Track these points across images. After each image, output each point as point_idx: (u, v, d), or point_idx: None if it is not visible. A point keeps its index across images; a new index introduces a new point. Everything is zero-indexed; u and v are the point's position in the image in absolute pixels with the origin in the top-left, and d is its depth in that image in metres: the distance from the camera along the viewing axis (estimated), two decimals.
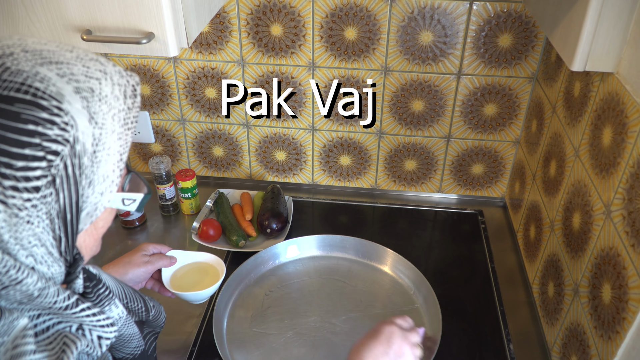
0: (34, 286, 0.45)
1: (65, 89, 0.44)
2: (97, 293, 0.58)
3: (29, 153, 0.42)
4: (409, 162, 1.47)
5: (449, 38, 1.25)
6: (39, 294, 0.46)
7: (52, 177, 0.43)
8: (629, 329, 0.75)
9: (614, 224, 0.82)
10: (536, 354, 1.08)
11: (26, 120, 0.42)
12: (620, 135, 0.82)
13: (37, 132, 0.42)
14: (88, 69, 0.47)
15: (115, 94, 0.49)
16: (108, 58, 0.50)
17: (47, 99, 0.43)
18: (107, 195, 0.50)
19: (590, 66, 0.81)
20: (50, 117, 0.43)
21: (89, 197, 0.48)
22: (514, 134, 1.38)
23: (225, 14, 1.28)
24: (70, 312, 0.49)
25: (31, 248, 0.45)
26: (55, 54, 0.47)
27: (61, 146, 0.43)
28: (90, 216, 0.50)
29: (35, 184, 0.42)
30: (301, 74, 1.34)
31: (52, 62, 0.45)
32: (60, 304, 0.48)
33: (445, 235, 1.39)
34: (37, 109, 0.42)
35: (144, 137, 1.51)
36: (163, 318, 0.81)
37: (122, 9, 0.80)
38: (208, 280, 1.04)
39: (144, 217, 1.41)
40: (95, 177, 0.48)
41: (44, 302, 0.47)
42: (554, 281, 1.06)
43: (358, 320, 1.12)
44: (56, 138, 0.43)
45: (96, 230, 0.55)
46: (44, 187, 0.43)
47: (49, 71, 0.44)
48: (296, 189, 1.55)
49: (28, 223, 0.43)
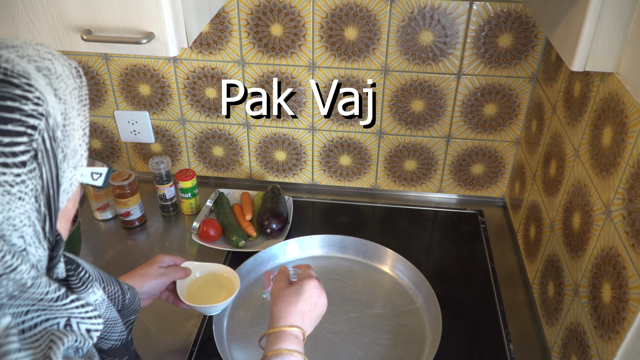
0: (28, 274, 0.46)
1: (28, 68, 0.46)
2: (79, 276, 0.58)
3: (12, 129, 0.43)
4: (409, 162, 1.47)
5: (449, 38, 1.25)
6: (32, 283, 0.46)
7: (34, 151, 0.45)
8: (629, 329, 0.75)
9: (614, 224, 0.82)
10: (536, 354, 1.08)
11: (4, 97, 0.43)
12: (620, 135, 0.82)
13: (16, 108, 0.43)
14: (39, 52, 0.50)
15: (66, 73, 0.51)
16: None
17: (17, 77, 0.44)
18: (79, 169, 0.53)
19: (590, 66, 0.81)
20: (23, 93, 0.44)
21: (65, 172, 0.50)
22: (514, 134, 1.38)
23: (225, 14, 1.28)
24: (61, 304, 0.50)
25: (22, 228, 0.45)
26: (7, 40, 0.49)
27: (37, 120, 0.45)
28: (67, 193, 0.52)
29: (21, 158, 0.44)
30: (301, 74, 1.34)
31: (9, 46, 0.47)
32: (52, 294, 0.49)
33: (445, 235, 1.39)
34: (10, 87, 0.44)
35: (144, 137, 1.51)
36: (138, 301, 0.81)
37: (122, 9, 0.80)
38: (223, 292, 1.05)
39: (144, 217, 1.41)
40: (68, 151, 0.50)
41: (36, 292, 0.47)
42: (554, 281, 1.06)
43: (358, 320, 1.12)
44: (32, 113, 0.44)
45: (67, 212, 0.55)
46: (28, 162, 0.44)
47: (9, 54, 0.46)
48: (296, 189, 1.55)
49: (20, 200, 0.44)
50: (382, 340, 1.08)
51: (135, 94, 1.43)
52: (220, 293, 1.05)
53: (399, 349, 1.06)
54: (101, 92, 1.44)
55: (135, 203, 1.36)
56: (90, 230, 1.38)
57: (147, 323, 1.13)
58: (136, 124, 1.48)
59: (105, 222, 1.42)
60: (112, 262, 1.29)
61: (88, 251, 1.31)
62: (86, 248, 1.32)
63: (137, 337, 1.11)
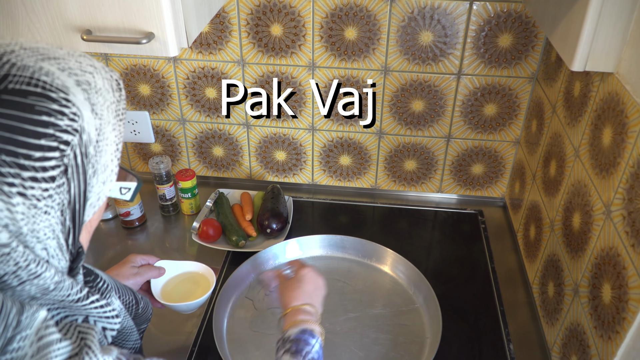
0: (52, 280, 0.46)
1: (68, 82, 0.46)
2: (97, 287, 0.59)
3: (45, 143, 0.43)
4: (409, 162, 1.47)
5: (449, 38, 1.25)
6: (54, 287, 0.47)
7: (65, 166, 0.45)
8: (629, 329, 0.75)
9: (614, 224, 0.82)
10: (536, 354, 1.08)
11: (40, 112, 0.43)
12: (620, 135, 0.82)
13: (51, 123, 0.43)
14: (81, 64, 0.49)
15: (106, 87, 0.51)
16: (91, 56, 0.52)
17: (55, 91, 0.44)
18: (108, 184, 0.52)
19: (590, 66, 0.81)
20: (60, 108, 0.44)
21: (94, 187, 0.50)
22: (514, 134, 1.38)
23: (225, 14, 1.28)
24: (81, 305, 0.51)
25: (46, 240, 0.46)
26: (50, 50, 0.48)
27: (71, 136, 0.45)
28: (93, 207, 0.52)
29: (51, 173, 0.44)
30: (301, 74, 1.34)
31: (51, 58, 0.47)
32: (74, 296, 0.49)
33: (445, 235, 1.39)
34: (48, 101, 0.44)
35: (144, 137, 1.51)
36: (150, 310, 0.82)
37: (122, 9, 0.80)
38: (199, 291, 1.04)
39: (144, 217, 1.41)
40: (99, 167, 0.50)
41: (58, 295, 0.48)
42: (554, 281, 1.06)
43: (358, 320, 1.12)
44: (66, 128, 0.44)
45: (91, 224, 0.56)
46: (58, 177, 0.45)
47: (50, 66, 0.46)
48: (296, 189, 1.55)
49: (45, 214, 0.45)
50: (382, 340, 1.08)
51: (135, 94, 1.43)
52: (196, 291, 1.04)
53: (399, 349, 1.06)
54: None
55: (135, 203, 1.36)
56: None
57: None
58: (136, 124, 1.48)
59: (105, 222, 1.42)
60: (112, 262, 1.29)
61: (88, 251, 1.31)
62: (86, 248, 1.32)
63: None
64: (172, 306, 1.00)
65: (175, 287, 1.04)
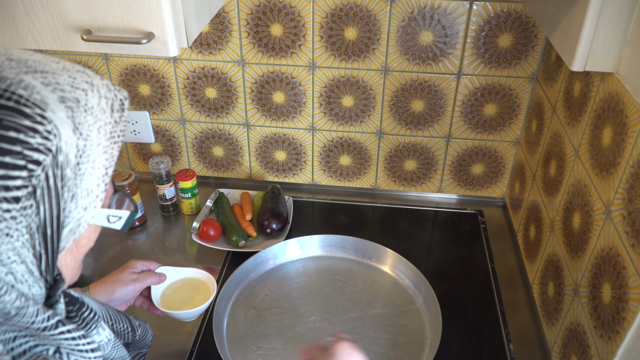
0: (12, 304, 0.43)
1: (49, 98, 0.43)
2: (82, 317, 0.55)
3: (9, 161, 0.40)
4: (409, 162, 1.47)
5: (449, 38, 1.25)
6: (16, 313, 0.43)
7: (33, 187, 0.42)
8: (629, 329, 0.75)
9: (614, 224, 0.82)
10: (536, 354, 1.08)
11: (7, 127, 0.40)
12: (620, 135, 0.82)
13: (19, 140, 0.40)
14: (74, 80, 0.46)
15: (101, 106, 0.48)
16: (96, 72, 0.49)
17: (31, 107, 0.41)
18: (91, 210, 0.49)
19: (590, 66, 0.81)
20: (32, 124, 0.41)
21: (72, 212, 0.47)
22: (514, 134, 1.38)
23: (225, 14, 1.28)
24: (48, 334, 0.47)
25: (10, 264, 0.43)
26: (41, 63, 0.46)
27: (43, 155, 0.42)
28: (73, 233, 0.48)
29: (15, 194, 0.41)
30: (301, 74, 1.34)
31: (37, 71, 0.44)
32: (39, 324, 0.45)
33: (445, 235, 1.39)
34: (19, 116, 0.41)
35: (144, 137, 1.51)
36: (150, 337, 0.78)
37: (122, 9, 0.80)
38: (199, 298, 1.02)
39: (144, 217, 1.41)
40: (78, 191, 0.46)
41: (21, 321, 0.44)
42: (554, 281, 1.06)
43: (358, 320, 1.12)
44: (38, 147, 0.41)
45: (78, 249, 0.52)
46: (24, 198, 0.41)
47: (33, 79, 0.43)
48: (296, 189, 1.55)
49: (7, 236, 0.42)
50: (382, 340, 1.08)
51: (135, 94, 1.43)
52: (196, 297, 1.02)
53: (399, 349, 1.06)
54: None
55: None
56: None
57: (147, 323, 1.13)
58: (136, 124, 1.48)
59: None
60: (112, 262, 1.29)
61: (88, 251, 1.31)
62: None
63: None
64: (172, 314, 0.99)
65: (175, 293, 1.03)
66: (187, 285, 1.05)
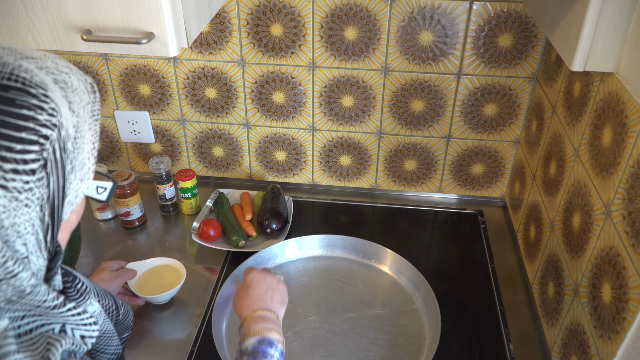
0: (28, 281, 0.46)
1: (46, 79, 0.47)
2: (76, 288, 0.59)
3: (25, 136, 0.44)
4: (409, 162, 1.47)
5: (449, 38, 1.25)
6: (30, 291, 0.47)
7: (44, 160, 0.46)
8: (629, 329, 0.75)
9: (614, 224, 0.82)
10: (536, 354, 1.08)
11: (21, 106, 0.44)
12: (620, 135, 0.82)
13: (31, 117, 0.45)
14: (57, 65, 0.50)
15: (81, 87, 0.52)
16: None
17: (34, 87, 0.46)
18: (85, 182, 0.53)
19: (590, 66, 0.81)
20: (39, 103, 0.45)
21: (72, 183, 0.51)
22: (514, 134, 1.38)
23: (225, 14, 1.28)
24: (57, 312, 0.51)
25: (26, 235, 0.46)
26: (27, 51, 0.50)
27: (50, 131, 0.46)
28: (71, 204, 0.52)
29: (31, 166, 0.45)
30: (301, 74, 1.34)
31: (29, 57, 0.48)
32: (50, 302, 0.50)
33: (445, 235, 1.39)
34: (28, 96, 0.45)
35: (144, 137, 1.51)
36: (131, 317, 0.83)
37: (122, 9, 0.80)
38: (172, 280, 1.16)
39: (144, 217, 1.41)
40: (76, 163, 0.51)
41: (34, 299, 0.48)
42: (554, 281, 1.06)
43: (357, 320, 1.12)
44: (46, 123, 0.45)
45: (70, 223, 0.56)
46: (38, 170, 0.45)
47: (29, 64, 0.47)
48: (296, 189, 1.55)
49: (26, 207, 0.45)
50: (381, 340, 1.08)
51: (135, 94, 1.43)
52: (168, 281, 1.16)
53: (398, 350, 1.06)
54: (101, 92, 1.44)
55: (135, 203, 1.36)
56: (90, 230, 1.38)
57: (147, 323, 1.13)
58: (136, 124, 1.48)
59: (105, 222, 1.42)
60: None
61: (88, 251, 1.31)
62: (86, 248, 1.32)
63: (137, 337, 1.11)
64: (152, 299, 1.12)
65: (148, 283, 1.16)
66: (157, 273, 1.18)
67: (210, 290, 1.21)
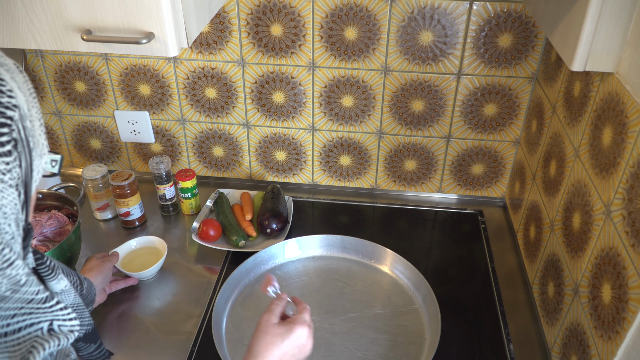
0: (23, 270, 0.47)
1: None
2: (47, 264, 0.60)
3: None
4: (409, 162, 1.47)
5: (449, 38, 1.25)
6: (26, 280, 0.48)
7: (14, 141, 0.46)
8: (629, 329, 0.75)
9: (614, 224, 0.82)
10: (536, 354, 1.08)
11: None
12: (620, 135, 0.82)
13: None
14: None
15: (14, 68, 0.52)
16: None
17: None
18: (44, 157, 0.54)
19: (590, 66, 0.81)
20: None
21: (35, 160, 0.51)
22: (514, 134, 1.38)
23: (225, 14, 1.28)
24: (47, 306, 0.52)
25: (10, 216, 0.47)
26: None
27: (12, 112, 0.46)
28: (35, 181, 0.53)
29: (7, 148, 0.45)
30: (301, 74, 1.34)
31: None
32: (41, 294, 0.50)
33: (445, 235, 1.39)
34: None
35: (144, 137, 1.51)
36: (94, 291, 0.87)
37: (122, 9, 0.80)
38: (155, 257, 1.25)
39: (144, 217, 1.41)
40: (35, 140, 0.51)
41: (28, 291, 0.49)
42: (554, 281, 1.06)
43: (357, 320, 1.12)
44: (7, 104, 0.46)
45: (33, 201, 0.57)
46: (12, 152, 0.46)
47: None
48: (296, 189, 1.55)
49: (10, 187, 0.46)
50: (381, 340, 1.08)
51: (135, 94, 1.43)
52: (152, 258, 1.24)
53: (398, 350, 1.06)
54: (101, 92, 1.44)
55: (135, 203, 1.36)
56: (90, 230, 1.38)
57: (147, 323, 1.13)
58: (136, 124, 1.48)
59: (105, 222, 1.42)
60: None
61: (88, 251, 1.31)
62: (86, 248, 1.32)
63: (137, 336, 1.11)
64: (141, 275, 1.20)
65: (135, 262, 1.24)
66: (140, 253, 1.27)
67: (210, 290, 1.21)
